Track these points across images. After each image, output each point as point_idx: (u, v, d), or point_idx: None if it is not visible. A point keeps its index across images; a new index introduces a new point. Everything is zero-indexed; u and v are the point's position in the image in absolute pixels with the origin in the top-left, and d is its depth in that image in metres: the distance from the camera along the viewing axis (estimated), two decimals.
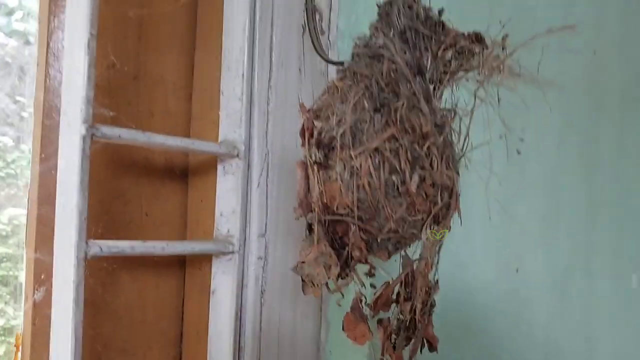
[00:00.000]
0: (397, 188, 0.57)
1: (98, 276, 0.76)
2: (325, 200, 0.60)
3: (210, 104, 0.85)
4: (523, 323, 1.09)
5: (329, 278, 0.60)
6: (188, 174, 0.87)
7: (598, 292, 1.23)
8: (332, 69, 0.90)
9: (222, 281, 0.81)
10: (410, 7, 0.61)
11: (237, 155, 0.80)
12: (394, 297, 0.62)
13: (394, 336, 0.61)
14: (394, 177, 0.57)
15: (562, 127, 1.13)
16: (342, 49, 0.89)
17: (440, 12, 0.63)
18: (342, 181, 0.58)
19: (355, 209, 0.58)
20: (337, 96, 0.60)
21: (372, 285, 0.63)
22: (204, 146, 0.79)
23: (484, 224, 0.93)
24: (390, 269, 0.64)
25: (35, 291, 0.72)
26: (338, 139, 0.58)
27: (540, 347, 1.13)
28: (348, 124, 0.58)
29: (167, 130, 0.82)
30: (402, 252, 0.61)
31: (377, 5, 0.62)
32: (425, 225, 0.58)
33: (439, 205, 0.57)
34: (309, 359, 0.89)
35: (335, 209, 0.59)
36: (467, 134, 0.56)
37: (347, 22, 0.89)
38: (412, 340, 0.61)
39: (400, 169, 0.56)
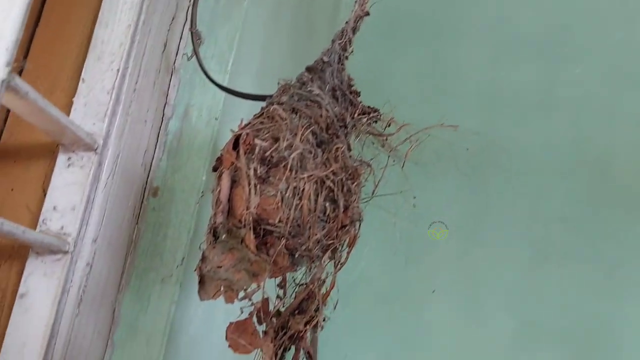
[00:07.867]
0: (327, 214, 0.67)
1: None
2: (258, 212, 0.65)
3: (56, 86, 0.76)
4: None
5: (252, 284, 0.63)
6: None
7: None
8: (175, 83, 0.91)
9: (40, 284, 0.71)
10: (340, 72, 0.74)
11: (95, 149, 0.74)
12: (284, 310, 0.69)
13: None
14: (327, 204, 0.66)
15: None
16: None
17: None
18: (282, 198, 0.65)
19: (288, 225, 0.65)
20: (281, 124, 0.68)
21: (278, 296, 0.69)
22: (78, 129, 0.70)
23: None
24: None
25: None
26: (290, 161, 0.65)
27: None
28: (299, 151, 0.65)
29: None
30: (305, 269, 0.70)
31: (316, 62, 0.73)
32: (330, 250, 0.69)
33: (350, 235, 0.69)
34: None
35: (265, 221, 0.65)
36: (377, 185, 0.71)
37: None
38: (294, 352, 0.68)
39: (335, 198, 0.66)
